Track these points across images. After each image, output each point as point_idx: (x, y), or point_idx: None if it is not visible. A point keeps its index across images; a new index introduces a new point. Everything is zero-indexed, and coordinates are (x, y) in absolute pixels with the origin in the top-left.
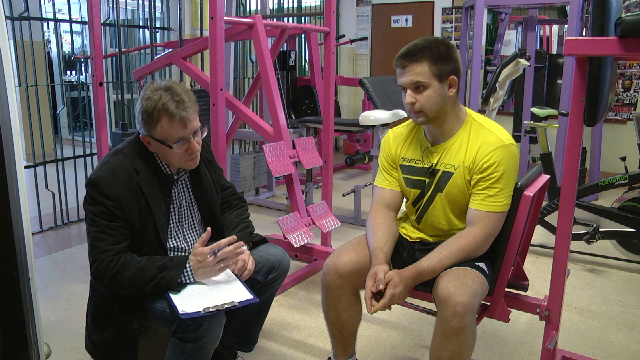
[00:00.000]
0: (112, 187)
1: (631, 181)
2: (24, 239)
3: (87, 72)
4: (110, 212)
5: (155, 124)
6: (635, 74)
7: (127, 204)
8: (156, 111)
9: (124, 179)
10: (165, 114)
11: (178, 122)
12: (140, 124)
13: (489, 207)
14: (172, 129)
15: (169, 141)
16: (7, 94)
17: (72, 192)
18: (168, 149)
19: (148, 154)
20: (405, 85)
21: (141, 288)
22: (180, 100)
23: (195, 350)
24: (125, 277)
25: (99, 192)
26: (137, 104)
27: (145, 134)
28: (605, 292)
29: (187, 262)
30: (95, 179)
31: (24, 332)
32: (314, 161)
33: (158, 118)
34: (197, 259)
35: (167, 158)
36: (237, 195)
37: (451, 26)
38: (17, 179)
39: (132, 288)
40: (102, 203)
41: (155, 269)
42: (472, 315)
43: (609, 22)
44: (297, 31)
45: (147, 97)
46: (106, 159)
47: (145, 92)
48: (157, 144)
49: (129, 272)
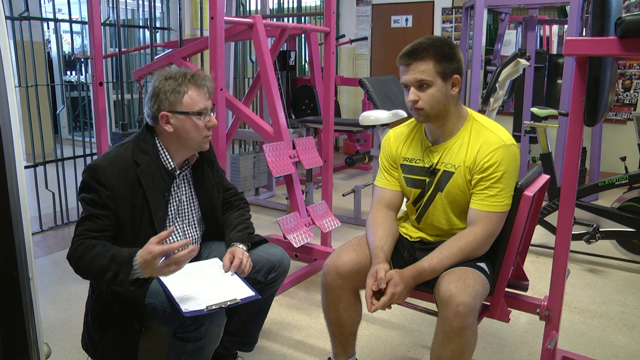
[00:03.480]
0: (109, 175)
1: (631, 181)
2: (24, 239)
3: (87, 72)
4: (101, 201)
5: (182, 96)
6: (635, 74)
7: (121, 195)
8: (184, 84)
9: (121, 169)
10: (193, 85)
11: (205, 92)
12: (159, 103)
13: (490, 207)
14: (199, 97)
15: (196, 110)
16: (7, 94)
17: (72, 192)
18: (192, 122)
19: (152, 147)
20: (408, 83)
21: (98, 276)
22: (200, 75)
23: (195, 350)
24: (84, 260)
25: (95, 179)
26: (149, 91)
27: (166, 111)
28: (605, 292)
29: (134, 260)
30: (93, 165)
31: (24, 332)
32: (314, 161)
33: (186, 89)
34: (145, 259)
35: (186, 135)
36: (239, 196)
37: (451, 26)
38: (17, 179)
39: (90, 274)
40: (96, 190)
41: (107, 259)
42: (474, 315)
43: (609, 22)
44: (297, 31)
45: (166, 78)
46: (109, 150)
47: (157, 78)
48: (183, 118)
49: (88, 255)
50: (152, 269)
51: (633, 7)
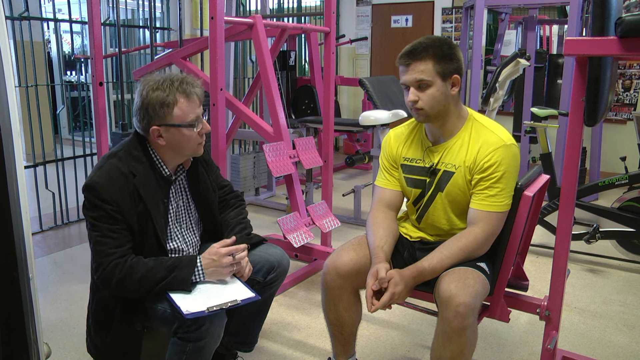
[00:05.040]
0: (110, 191)
1: (631, 181)
2: (24, 239)
3: (87, 72)
4: (111, 216)
5: (171, 109)
6: (635, 74)
7: (126, 207)
8: (172, 95)
9: (120, 182)
10: (182, 95)
11: (195, 100)
12: (149, 117)
13: (490, 207)
14: (189, 107)
15: (188, 122)
16: (7, 94)
17: (72, 192)
18: (185, 134)
19: (145, 155)
20: (408, 83)
21: (150, 289)
22: (188, 82)
23: (195, 350)
24: (133, 279)
25: (97, 197)
26: (137, 102)
27: (157, 126)
28: (605, 292)
29: (197, 261)
30: (92, 183)
31: (24, 332)
32: (314, 161)
33: (175, 101)
34: (212, 258)
35: (180, 147)
36: (234, 193)
37: (451, 26)
38: (17, 179)
39: (141, 290)
40: (101, 207)
41: (165, 270)
42: (474, 315)
43: (609, 22)
44: (297, 31)
45: (153, 89)
46: (101, 162)
47: (144, 88)
48: (174, 131)
49: (137, 274)
50: (216, 269)
51: (633, 7)
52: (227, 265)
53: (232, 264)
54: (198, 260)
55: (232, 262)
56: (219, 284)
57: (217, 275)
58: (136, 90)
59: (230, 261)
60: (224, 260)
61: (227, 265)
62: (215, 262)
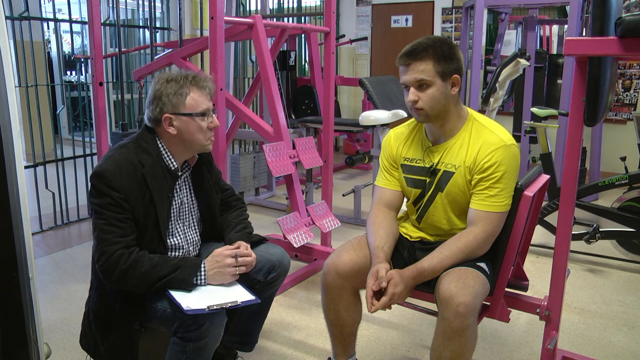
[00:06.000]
0: (119, 179)
1: (631, 181)
2: (24, 239)
3: (87, 72)
4: (117, 204)
5: (184, 98)
6: (635, 74)
7: (133, 196)
8: (186, 86)
9: (129, 171)
10: (195, 86)
11: (207, 93)
12: (162, 105)
13: (490, 207)
14: (202, 98)
15: (200, 111)
16: (7, 94)
17: (72, 192)
18: (196, 123)
19: (154, 148)
20: (408, 83)
21: (151, 285)
22: (200, 77)
23: (196, 350)
24: (137, 273)
25: (105, 184)
26: (150, 94)
27: (169, 114)
28: (605, 292)
29: (202, 264)
30: (101, 171)
31: (24, 332)
32: (314, 161)
33: (188, 91)
34: (215, 259)
35: (190, 138)
36: (235, 196)
37: (451, 26)
38: (17, 179)
39: (142, 285)
40: (109, 195)
41: (169, 267)
42: (474, 315)
43: (609, 22)
44: (297, 31)
45: (167, 80)
46: (110, 152)
47: (158, 81)
48: (186, 120)
49: (141, 268)
50: (219, 271)
51: (633, 7)
52: (230, 267)
53: (235, 266)
54: (202, 263)
55: (234, 264)
56: (220, 286)
57: (220, 276)
58: (150, 86)
59: (232, 262)
60: (226, 261)
61: (230, 266)
62: (218, 263)
